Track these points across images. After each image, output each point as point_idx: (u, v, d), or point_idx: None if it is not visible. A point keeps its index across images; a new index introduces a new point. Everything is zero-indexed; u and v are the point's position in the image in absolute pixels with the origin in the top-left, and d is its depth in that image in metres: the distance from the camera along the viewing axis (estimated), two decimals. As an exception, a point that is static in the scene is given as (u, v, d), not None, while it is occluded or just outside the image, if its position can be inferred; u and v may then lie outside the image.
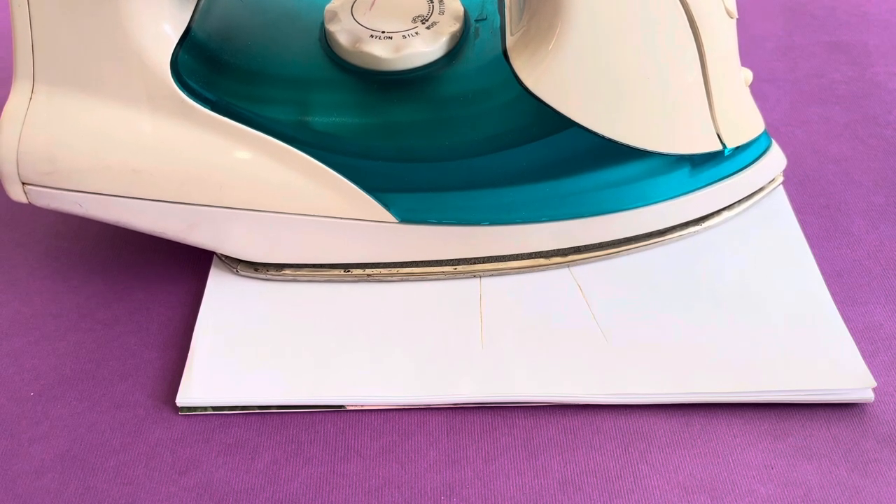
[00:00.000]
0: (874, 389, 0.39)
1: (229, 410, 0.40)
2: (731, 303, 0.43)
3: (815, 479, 0.37)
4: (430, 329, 0.42)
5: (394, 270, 0.45)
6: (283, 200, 0.43)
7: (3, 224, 0.50)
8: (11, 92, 0.41)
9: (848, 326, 0.42)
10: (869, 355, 0.41)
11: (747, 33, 0.63)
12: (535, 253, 0.45)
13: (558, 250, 0.45)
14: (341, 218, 0.43)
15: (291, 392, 0.40)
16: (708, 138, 0.44)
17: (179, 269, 0.47)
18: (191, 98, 0.40)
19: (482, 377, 0.40)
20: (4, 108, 0.41)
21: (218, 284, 0.45)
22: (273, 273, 0.45)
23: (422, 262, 0.45)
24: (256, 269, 0.45)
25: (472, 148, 0.42)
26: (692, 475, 0.37)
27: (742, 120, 0.45)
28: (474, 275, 0.45)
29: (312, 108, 0.42)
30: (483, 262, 0.45)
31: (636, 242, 0.46)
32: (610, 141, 0.42)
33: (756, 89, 0.54)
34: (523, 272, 0.45)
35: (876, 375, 0.39)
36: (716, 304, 0.43)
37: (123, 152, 0.41)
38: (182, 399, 0.40)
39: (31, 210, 0.50)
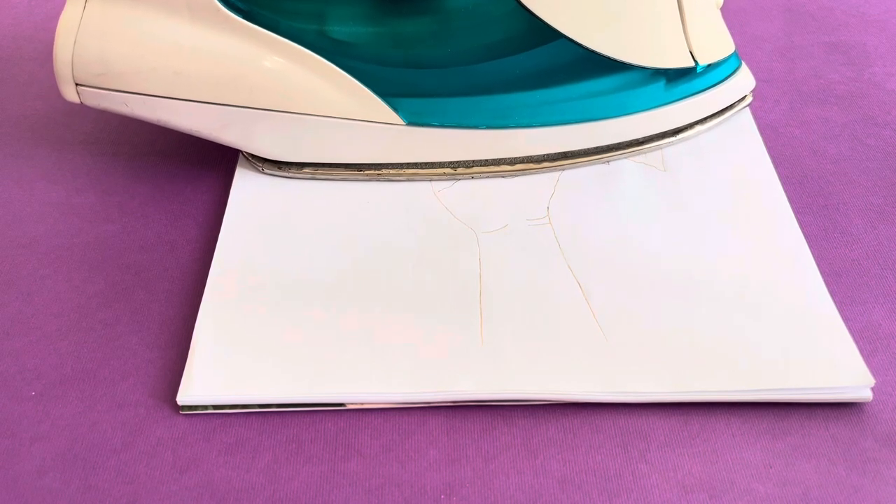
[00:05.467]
0: (873, 389, 0.39)
1: (230, 409, 0.40)
2: (730, 302, 0.43)
3: (814, 478, 0.37)
4: (429, 326, 0.42)
5: (401, 171, 0.50)
6: (306, 103, 0.48)
7: (3, 224, 0.50)
8: (67, 2, 0.46)
9: (846, 326, 0.42)
10: (867, 355, 0.41)
11: (747, 33, 0.63)
12: (527, 157, 0.50)
13: (547, 155, 0.50)
14: (356, 120, 0.48)
15: (292, 388, 0.40)
16: (681, 54, 0.49)
17: (181, 270, 0.47)
18: (226, 8, 0.45)
19: (481, 375, 0.40)
20: (60, 17, 0.45)
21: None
22: (294, 171, 0.50)
23: (426, 163, 0.50)
24: (280, 167, 0.51)
25: (471, 56, 0.48)
26: (691, 474, 0.37)
27: (713, 40, 0.51)
28: (472, 176, 0.50)
29: (332, 19, 0.48)
30: (480, 165, 0.50)
31: (618, 150, 0.51)
32: (593, 52, 0.47)
33: (755, 89, 0.54)
34: (517, 175, 0.50)
35: (874, 375, 0.39)
36: (715, 302, 0.43)
37: (166, 57, 0.46)
38: (182, 398, 0.40)
39: (31, 209, 0.51)
